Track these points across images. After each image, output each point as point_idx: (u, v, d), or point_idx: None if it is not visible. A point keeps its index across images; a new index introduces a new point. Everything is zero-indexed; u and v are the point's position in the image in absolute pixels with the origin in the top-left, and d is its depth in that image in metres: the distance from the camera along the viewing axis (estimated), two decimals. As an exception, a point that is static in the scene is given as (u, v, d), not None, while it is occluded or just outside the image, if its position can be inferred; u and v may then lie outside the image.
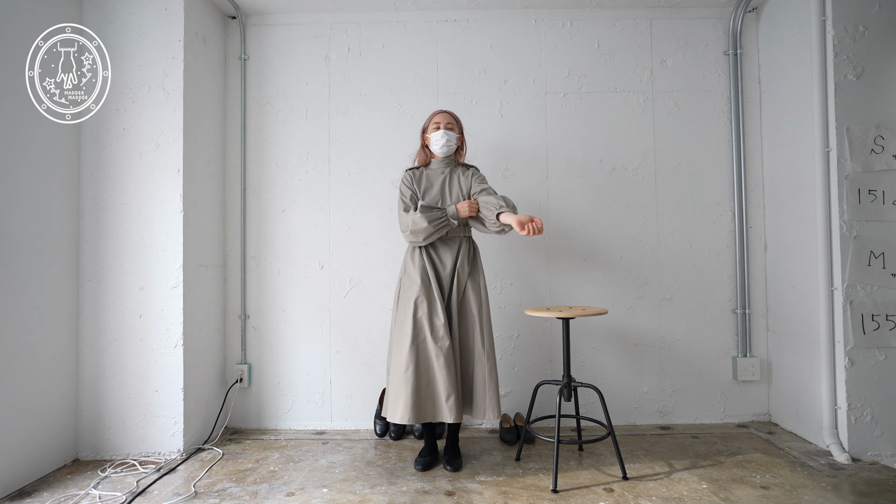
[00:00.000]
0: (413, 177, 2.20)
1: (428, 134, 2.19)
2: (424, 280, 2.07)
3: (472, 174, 2.19)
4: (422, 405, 1.97)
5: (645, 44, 2.72)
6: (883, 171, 2.16)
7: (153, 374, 2.24)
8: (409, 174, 2.21)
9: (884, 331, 2.13)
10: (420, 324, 2.02)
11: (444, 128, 2.15)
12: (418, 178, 2.19)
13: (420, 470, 2.06)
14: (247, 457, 2.25)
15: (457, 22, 2.73)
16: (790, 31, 2.44)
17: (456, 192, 2.16)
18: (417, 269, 2.09)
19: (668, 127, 2.70)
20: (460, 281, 2.10)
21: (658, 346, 2.66)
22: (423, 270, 2.09)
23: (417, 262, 2.11)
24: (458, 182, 2.18)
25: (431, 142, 2.18)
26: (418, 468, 2.06)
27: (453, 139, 2.16)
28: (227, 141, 2.72)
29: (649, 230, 2.68)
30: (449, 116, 2.19)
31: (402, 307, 2.08)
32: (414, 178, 2.19)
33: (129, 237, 2.27)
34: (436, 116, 2.19)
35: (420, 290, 2.05)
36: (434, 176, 2.19)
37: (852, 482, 1.91)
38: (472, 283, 2.12)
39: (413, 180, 2.19)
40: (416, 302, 2.04)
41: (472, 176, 2.19)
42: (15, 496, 1.87)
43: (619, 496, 1.82)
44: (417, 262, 2.11)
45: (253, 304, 2.68)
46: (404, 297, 2.09)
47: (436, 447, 2.18)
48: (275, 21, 2.73)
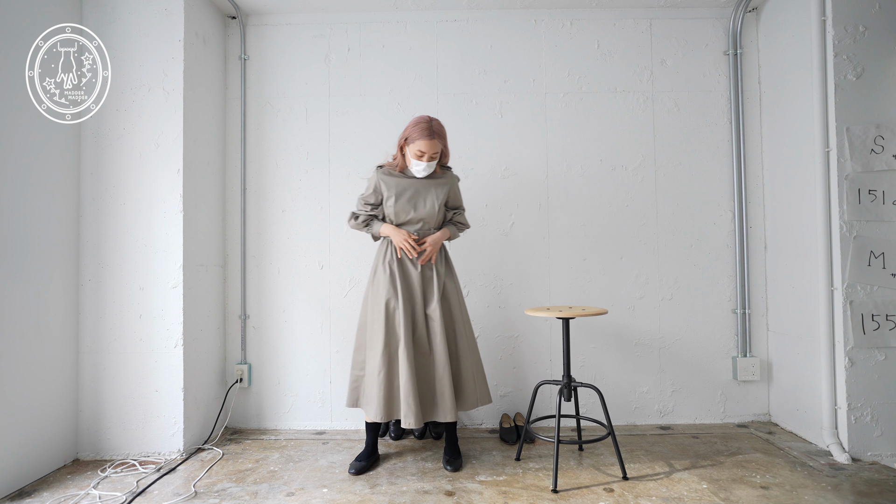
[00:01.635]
0: (384, 178, 2.10)
1: (409, 154, 2.04)
2: (394, 279, 2.06)
3: (454, 185, 2.17)
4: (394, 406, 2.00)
5: (645, 44, 2.72)
6: (883, 171, 2.16)
7: (153, 374, 2.24)
8: (380, 174, 2.11)
9: (884, 331, 2.13)
10: (395, 324, 2.02)
11: (428, 160, 2.02)
12: (390, 182, 2.09)
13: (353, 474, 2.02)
14: (247, 457, 2.25)
15: (457, 22, 2.73)
16: (790, 31, 2.44)
17: (431, 200, 2.10)
18: (388, 269, 2.08)
19: (668, 127, 2.70)
20: (439, 279, 2.10)
21: (658, 346, 2.66)
22: (394, 270, 2.07)
23: (389, 262, 2.09)
24: (434, 189, 2.11)
25: (411, 164, 2.05)
26: (352, 472, 2.03)
27: (433, 166, 2.06)
28: (227, 141, 2.72)
29: (649, 230, 2.68)
30: (435, 145, 2.00)
31: (374, 306, 2.07)
32: (385, 181, 2.09)
33: (129, 237, 2.26)
34: (419, 142, 1.98)
35: (392, 289, 2.05)
36: (409, 181, 2.10)
37: (852, 482, 1.91)
38: (450, 281, 2.15)
39: (383, 182, 2.09)
40: (388, 301, 2.03)
41: (451, 186, 2.15)
42: (15, 496, 1.87)
43: (619, 496, 1.82)
44: (389, 262, 2.09)
45: (253, 304, 2.68)
46: (375, 296, 2.08)
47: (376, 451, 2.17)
48: (275, 21, 2.73)
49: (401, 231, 2.08)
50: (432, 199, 2.11)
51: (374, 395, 2.00)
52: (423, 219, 2.11)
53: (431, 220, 2.12)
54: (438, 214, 2.13)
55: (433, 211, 2.10)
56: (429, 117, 2.04)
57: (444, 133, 2.07)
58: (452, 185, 2.18)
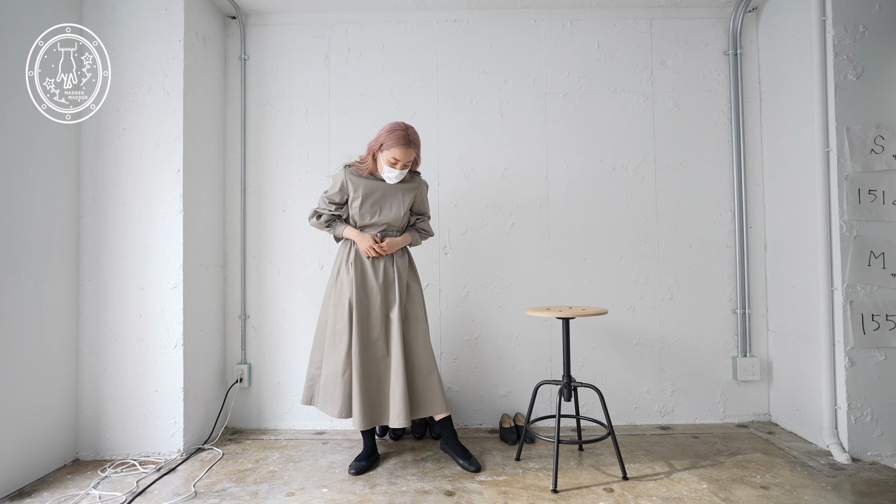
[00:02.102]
0: (352, 178, 2.08)
1: (381, 160, 2.03)
2: (357, 281, 2.06)
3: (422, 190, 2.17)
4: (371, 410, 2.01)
5: (645, 44, 2.72)
6: (883, 171, 2.16)
7: (153, 374, 2.24)
8: (347, 174, 2.08)
9: (884, 331, 2.13)
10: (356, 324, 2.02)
11: (401, 168, 2.02)
12: (357, 182, 2.07)
13: (353, 474, 2.03)
14: (247, 457, 2.25)
15: (457, 22, 2.73)
16: (790, 31, 2.44)
17: (397, 204, 2.10)
18: (350, 270, 2.07)
19: (668, 127, 2.70)
20: (401, 282, 2.10)
21: (658, 346, 2.66)
22: (357, 272, 2.07)
23: (353, 263, 2.08)
24: (402, 193, 2.11)
25: (384, 170, 2.04)
26: (352, 472, 2.04)
27: (405, 173, 2.06)
28: (226, 141, 2.72)
29: (649, 230, 2.68)
30: (410, 154, 1.99)
31: (337, 307, 2.07)
32: (352, 181, 2.07)
33: (129, 237, 2.26)
34: (395, 150, 1.97)
35: (355, 290, 2.05)
36: (376, 183, 2.09)
37: (852, 482, 1.91)
38: (413, 283, 2.16)
39: (349, 182, 2.07)
40: (350, 302, 2.04)
41: (419, 191, 2.16)
42: (15, 496, 1.87)
43: (619, 496, 1.82)
44: (353, 263, 2.08)
45: (253, 304, 2.68)
46: (339, 297, 2.08)
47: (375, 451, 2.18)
48: (275, 21, 2.73)
49: (365, 236, 2.07)
50: (398, 205, 2.11)
51: (337, 395, 2.01)
52: (388, 223, 2.11)
53: (396, 224, 2.12)
54: (403, 219, 2.14)
55: (398, 216, 2.11)
56: (405, 124, 2.03)
57: (419, 142, 2.06)
58: (420, 190, 2.18)
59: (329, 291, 2.15)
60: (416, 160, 2.09)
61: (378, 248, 2.06)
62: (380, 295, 2.07)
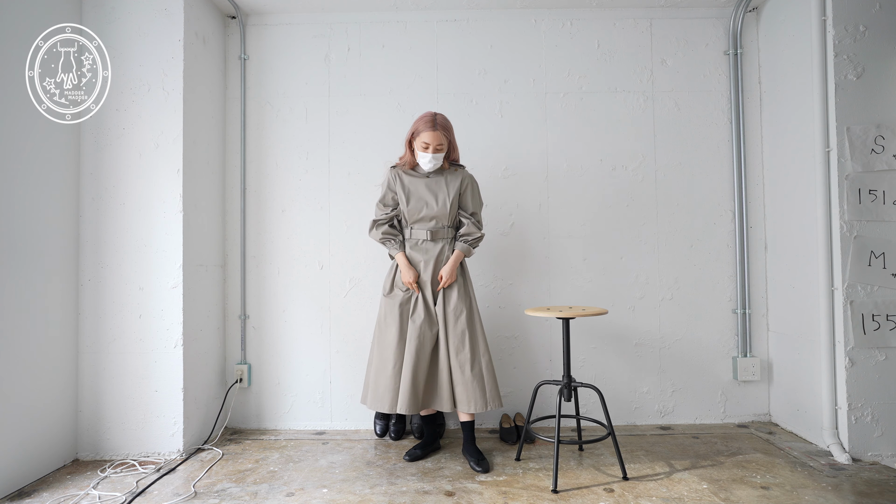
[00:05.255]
0: (397, 177, 2.17)
1: (416, 149, 2.11)
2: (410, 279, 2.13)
3: (467, 184, 2.18)
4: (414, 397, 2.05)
5: (645, 44, 2.72)
6: (883, 170, 2.16)
7: (153, 375, 2.24)
8: (392, 174, 2.19)
9: (884, 331, 2.13)
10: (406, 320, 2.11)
11: (433, 151, 2.08)
12: (402, 180, 2.17)
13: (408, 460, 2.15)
14: (247, 457, 2.25)
15: (457, 22, 2.73)
16: (790, 31, 2.44)
17: (442, 196, 2.14)
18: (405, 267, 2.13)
19: (668, 127, 2.70)
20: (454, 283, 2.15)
21: (658, 346, 2.66)
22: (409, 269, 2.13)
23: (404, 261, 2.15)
24: (445, 185, 2.15)
25: (418, 157, 2.12)
26: (407, 458, 2.16)
27: (440, 158, 2.11)
28: (226, 141, 2.72)
29: (649, 230, 2.68)
30: (439, 136, 2.06)
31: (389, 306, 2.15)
32: (398, 179, 2.17)
33: (129, 237, 2.26)
34: (424, 134, 2.05)
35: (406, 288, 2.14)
36: (419, 178, 2.17)
37: (853, 482, 1.90)
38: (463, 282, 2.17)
39: (396, 181, 2.17)
40: (402, 302, 2.12)
41: (463, 183, 2.17)
42: (15, 496, 1.87)
43: (619, 496, 1.82)
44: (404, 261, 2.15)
45: (253, 304, 2.68)
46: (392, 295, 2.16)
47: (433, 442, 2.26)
48: (275, 21, 2.73)
49: (411, 271, 2.12)
50: (444, 196, 2.14)
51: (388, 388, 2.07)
52: (436, 216, 2.15)
53: (444, 218, 2.15)
54: (451, 213, 2.16)
55: (445, 208, 2.14)
56: (434, 112, 2.12)
57: (449, 126, 2.12)
58: (465, 182, 2.19)
59: (385, 287, 2.20)
60: (452, 146, 2.15)
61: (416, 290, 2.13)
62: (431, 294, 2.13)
